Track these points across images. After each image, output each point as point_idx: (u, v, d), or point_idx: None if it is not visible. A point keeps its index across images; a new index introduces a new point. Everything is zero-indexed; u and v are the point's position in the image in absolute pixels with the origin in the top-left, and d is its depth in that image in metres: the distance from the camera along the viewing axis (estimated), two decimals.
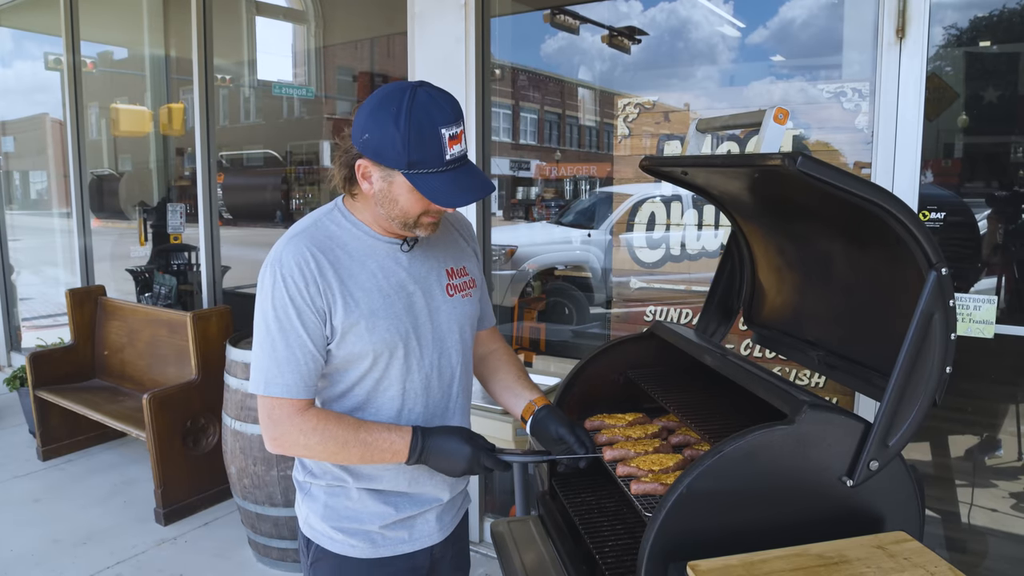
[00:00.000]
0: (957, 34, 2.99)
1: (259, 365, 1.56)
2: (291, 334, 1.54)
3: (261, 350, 1.57)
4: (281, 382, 1.55)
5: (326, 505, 1.71)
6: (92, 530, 4.04)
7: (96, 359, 5.28)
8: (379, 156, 1.49)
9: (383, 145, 1.47)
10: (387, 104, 1.48)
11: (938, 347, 1.32)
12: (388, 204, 1.55)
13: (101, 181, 7.31)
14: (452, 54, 3.64)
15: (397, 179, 1.50)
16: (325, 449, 1.57)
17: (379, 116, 1.48)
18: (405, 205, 1.54)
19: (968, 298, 2.59)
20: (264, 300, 1.56)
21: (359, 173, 1.54)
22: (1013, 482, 3.19)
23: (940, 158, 3.11)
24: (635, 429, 1.87)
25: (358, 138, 1.51)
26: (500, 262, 4.98)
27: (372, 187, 1.55)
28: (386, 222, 1.60)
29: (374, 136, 1.48)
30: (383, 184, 1.53)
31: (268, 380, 1.55)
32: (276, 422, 1.57)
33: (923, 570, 1.22)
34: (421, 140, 1.46)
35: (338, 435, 1.56)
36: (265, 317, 1.56)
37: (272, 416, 1.57)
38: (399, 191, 1.52)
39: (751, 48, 3.59)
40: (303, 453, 1.60)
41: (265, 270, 1.57)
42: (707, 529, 1.29)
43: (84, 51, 6.17)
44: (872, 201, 1.27)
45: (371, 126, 1.49)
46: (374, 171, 1.52)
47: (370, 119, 1.49)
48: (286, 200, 7.49)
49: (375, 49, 7.29)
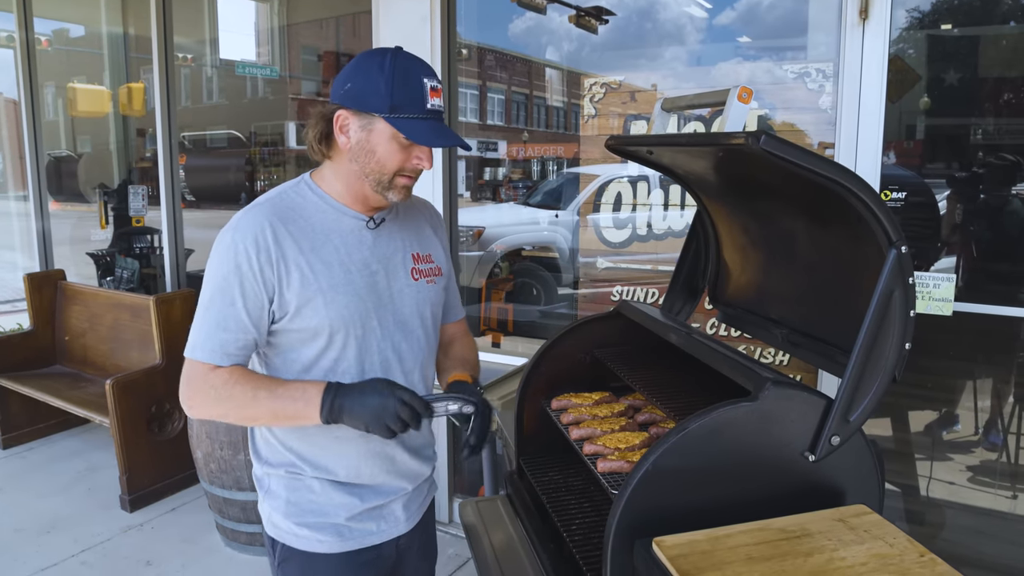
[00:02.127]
0: (919, 17, 3.03)
1: (193, 328, 1.56)
2: (227, 301, 1.52)
3: (197, 314, 1.56)
4: (204, 347, 1.53)
5: (288, 501, 1.65)
6: (55, 518, 3.98)
7: (57, 345, 5.18)
8: (360, 102, 1.50)
9: (366, 90, 1.49)
10: (371, 56, 1.52)
11: (898, 324, 1.34)
12: (364, 157, 1.54)
13: (59, 163, 7.13)
14: (417, 33, 3.60)
15: (377, 126, 1.51)
16: (235, 404, 1.52)
17: (362, 65, 1.52)
18: (382, 156, 1.53)
19: (928, 276, 2.64)
20: (212, 265, 1.55)
21: (336, 125, 1.53)
22: (970, 456, 3.27)
23: (902, 139, 3.15)
24: (601, 408, 1.89)
25: (338, 91, 1.53)
26: (467, 243, 4.96)
27: (349, 140, 1.53)
28: (359, 183, 1.58)
29: (356, 84, 1.51)
30: (362, 134, 1.52)
31: (194, 344, 1.54)
32: (189, 383, 1.55)
33: (882, 542, 1.25)
34: (405, 83, 1.49)
35: (247, 387, 1.52)
36: (210, 281, 1.54)
37: (187, 378, 1.56)
38: (378, 140, 1.52)
39: (718, 29, 3.59)
40: (216, 412, 1.56)
41: (221, 236, 1.56)
42: (673, 505, 1.31)
43: (38, 28, 6.00)
44: (834, 180, 1.28)
45: (354, 75, 1.52)
46: (353, 121, 1.52)
47: (353, 70, 1.53)
48: (250, 182, 7.37)
49: (340, 28, 7.18)
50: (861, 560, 1.19)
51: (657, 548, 1.22)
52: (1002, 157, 3.01)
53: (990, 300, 2.84)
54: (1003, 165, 2.99)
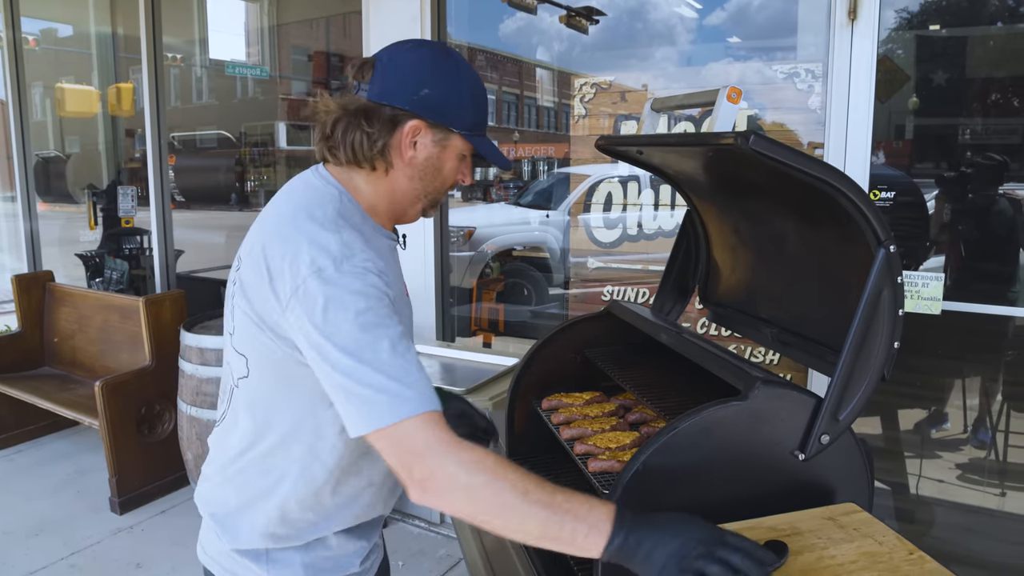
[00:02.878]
0: (908, 17, 3.04)
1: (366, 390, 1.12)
2: (399, 331, 1.18)
3: (357, 371, 1.13)
4: (425, 394, 1.14)
5: (306, 565, 1.38)
6: (44, 521, 3.96)
7: (45, 346, 5.14)
8: (441, 115, 1.29)
9: (448, 102, 1.29)
10: (443, 58, 1.31)
11: (887, 323, 1.35)
12: (430, 175, 1.34)
13: (47, 163, 7.10)
14: (407, 33, 3.59)
15: (453, 142, 1.32)
16: (493, 498, 1.09)
17: (440, 70, 1.29)
18: (447, 174, 1.36)
19: (917, 275, 2.66)
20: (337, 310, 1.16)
21: (408, 137, 1.29)
22: (959, 453, 3.29)
23: (891, 139, 3.17)
24: (592, 408, 1.89)
25: (410, 95, 1.27)
26: (458, 243, 4.96)
27: (417, 155, 1.31)
28: (408, 201, 1.37)
29: (437, 92, 1.28)
30: (434, 150, 1.32)
31: (406, 396, 1.12)
32: (423, 455, 1.11)
33: (872, 540, 1.25)
34: (482, 99, 1.34)
35: (515, 481, 1.10)
36: (345, 330, 1.14)
37: (414, 448, 1.11)
38: (448, 157, 1.34)
39: (708, 29, 3.61)
40: (461, 501, 1.11)
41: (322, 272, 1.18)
42: (663, 505, 1.31)
43: (25, 27, 5.97)
44: (823, 180, 1.28)
45: (432, 81, 1.28)
46: (427, 135, 1.30)
47: (431, 74, 1.28)
48: (240, 182, 7.36)
49: (330, 28, 7.17)
50: (851, 558, 1.20)
51: None
52: (989, 157, 3.03)
53: (978, 299, 2.86)
54: (991, 165, 3.01)
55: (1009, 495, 3.13)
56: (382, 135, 1.29)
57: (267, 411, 1.33)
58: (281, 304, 1.21)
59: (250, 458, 1.37)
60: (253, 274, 1.27)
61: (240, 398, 1.36)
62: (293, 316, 1.20)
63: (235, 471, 1.39)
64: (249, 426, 1.35)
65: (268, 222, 1.32)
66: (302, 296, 1.18)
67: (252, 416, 1.34)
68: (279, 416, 1.32)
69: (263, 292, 1.24)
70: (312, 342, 1.17)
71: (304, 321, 1.18)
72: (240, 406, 1.37)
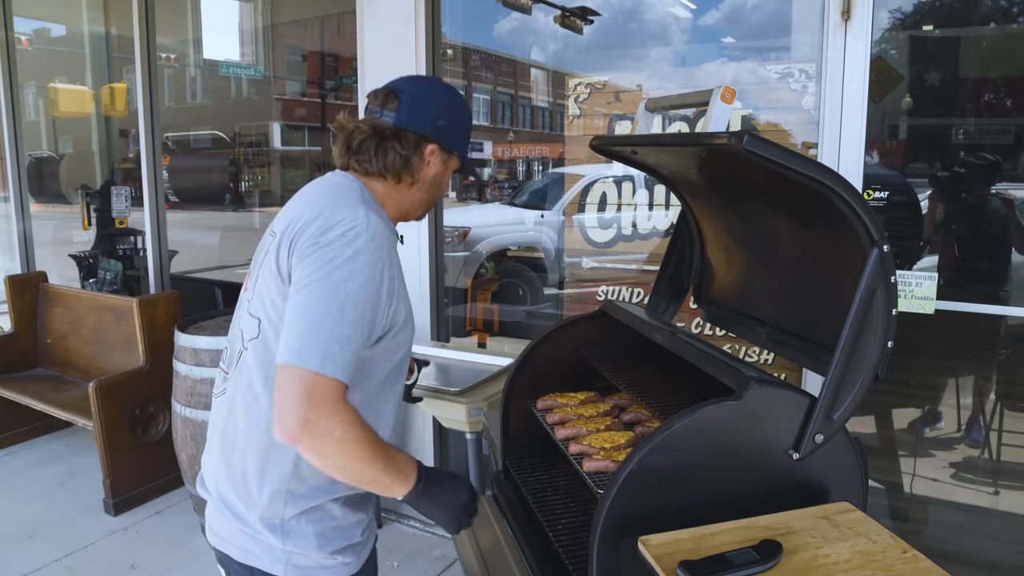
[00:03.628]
0: (901, 18, 3.05)
1: (317, 336, 1.34)
2: (363, 312, 1.39)
3: (323, 319, 1.35)
4: (340, 362, 1.34)
5: (318, 534, 1.53)
6: (38, 523, 3.94)
7: (39, 347, 5.12)
8: (451, 140, 1.64)
9: (455, 130, 1.65)
10: (456, 97, 1.68)
11: (880, 322, 1.35)
12: (434, 187, 1.67)
13: (40, 164, 7.07)
14: (402, 33, 3.59)
15: (452, 162, 1.67)
16: (355, 450, 1.36)
17: (452, 104, 1.65)
18: (445, 185, 1.71)
19: (910, 275, 2.66)
20: (345, 266, 1.39)
21: (427, 158, 1.62)
22: (952, 452, 3.30)
23: (885, 139, 3.17)
24: (587, 408, 1.89)
25: (431, 124, 1.60)
26: (453, 244, 4.96)
27: (429, 171, 1.64)
28: (415, 207, 1.68)
29: (450, 123, 1.63)
30: (441, 167, 1.66)
31: (326, 355, 1.33)
32: (317, 403, 1.32)
33: (866, 538, 1.26)
34: (471, 125, 1.73)
35: (372, 440, 1.38)
36: (343, 285, 1.38)
37: (313, 396, 1.32)
38: (447, 172, 1.68)
39: (702, 29, 3.60)
40: (328, 447, 1.34)
41: (352, 234, 1.42)
42: (658, 504, 1.31)
43: (18, 27, 5.94)
44: (817, 180, 1.29)
45: (446, 113, 1.62)
46: (439, 155, 1.63)
47: (447, 109, 1.63)
48: (234, 182, 7.35)
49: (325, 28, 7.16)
50: (845, 557, 1.20)
51: (643, 547, 1.23)
52: (982, 157, 3.04)
53: (971, 298, 2.87)
54: (983, 164, 3.02)
55: (1003, 493, 3.14)
56: (406, 153, 1.60)
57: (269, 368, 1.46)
58: (301, 250, 1.44)
59: (261, 415, 1.49)
60: (288, 237, 1.48)
61: (249, 360, 1.52)
62: (302, 263, 1.42)
63: (246, 432, 1.52)
64: (260, 383, 1.49)
65: (303, 202, 1.57)
66: (319, 247, 1.41)
67: (264, 374, 1.48)
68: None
69: (293, 248, 1.46)
70: (308, 277, 1.39)
71: (307, 263, 1.41)
72: (252, 366, 1.51)
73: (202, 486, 1.69)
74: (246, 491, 1.53)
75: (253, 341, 1.52)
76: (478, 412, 2.72)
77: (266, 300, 1.50)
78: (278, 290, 1.47)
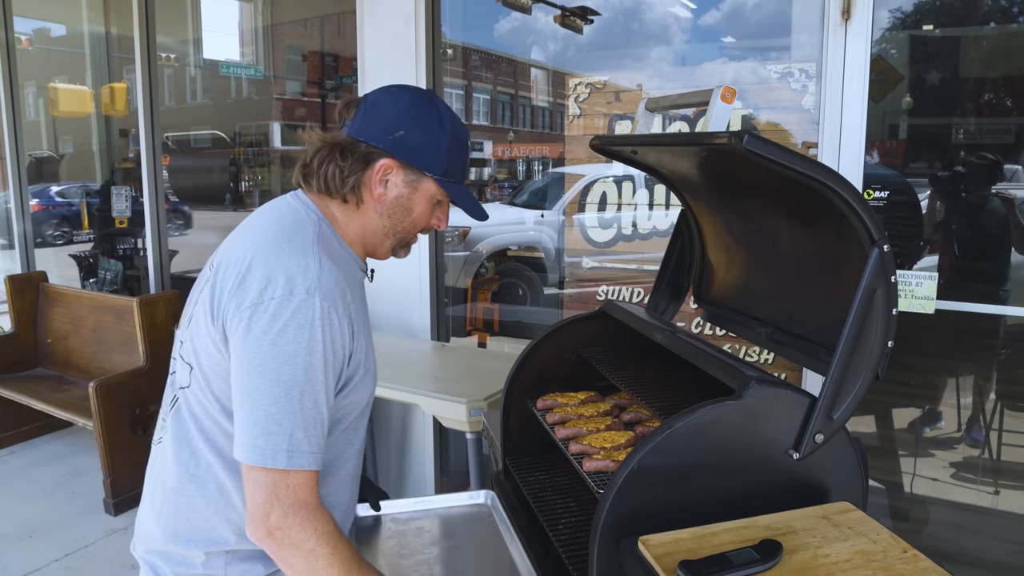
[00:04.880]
0: (902, 17, 3.05)
1: (279, 429, 1.19)
2: (321, 389, 1.23)
3: (282, 408, 1.20)
4: (309, 449, 1.21)
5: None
6: (39, 523, 3.94)
7: (39, 347, 5.13)
8: (414, 157, 1.36)
9: (423, 146, 1.36)
10: (423, 103, 1.37)
11: (880, 322, 1.35)
12: (399, 214, 1.40)
13: (40, 163, 7.07)
14: (402, 33, 3.59)
15: (424, 185, 1.39)
16: (325, 567, 1.23)
17: (417, 114, 1.36)
18: (418, 217, 1.42)
19: (910, 275, 2.66)
20: (297, 337, 1.21)
21: (377, 175, 1.36)
22: (952, 452, 3.30)
23: (885, 139, 3.17)
24: (587, 407, 1.89)
25: (384, 136, 1.34)
26: (453, 243, 4.96)
27: (387, 193, 1.37)
28: (378, 239, 1.42)
29: (413, 135, 1.35)
30: (404, 190, 1.38)
31: (292, 449, 1.20)
32: (288, 510, 1.20)
33: (866, 538, 1.26)
34: (460, 148, 1.40)
35: (347, 558, 1.25)
36: (297, 360, 1.20)
37: (284, 500, 1.20)
38: (420, 199, 1.40)
39: (703, 29, 3.60)
40: (295, 559, 1.22)
41: (302, 293, 1.22)
42: (658, 504, 1.31)
43: (18, 27, 5.95)
44: (817, 179, 1.29)
45: (408, 124, 1.35)
46: (399, 174, 1.37)
47: (408, 117, 1.35)
48: (235, 182, 7.34)
49: (325, 28, 7.16)
50: (845, 557, 1.20)
51: (643, 547, 1.23)
52: (983, 156, 3.04)
53: (972, 298, 2.87)
54: (984, 164, 3.02)
55: (1003, 493, 3.14)
56: (354, 170, 1.35)
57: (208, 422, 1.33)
58: (239, 309, 1.24)
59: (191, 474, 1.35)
60: (223, 279, 1.29)
61: (183, 409, 1.36)
62: (241, 327, 1.23)
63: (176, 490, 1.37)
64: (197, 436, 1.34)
65: (247, 236, 1.35)
66: (263, 311, 1.22)
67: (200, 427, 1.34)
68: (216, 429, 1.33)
69: (228, 295, 1.26)
70: (249, 356, 1.21)
71: (253, 333, 1.21)
72: (187, 418, 1.36)
73: (133, 548, 1.50)
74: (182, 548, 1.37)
75: (184, 391, 1.37)
76: (478, 412, 2.72)
77: (199, 347, 1.33)
78: (209, 335, 1.30)
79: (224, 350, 1.28)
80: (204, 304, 1.31)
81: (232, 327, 1.25)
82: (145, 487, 1.49)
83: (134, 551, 1.48)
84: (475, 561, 1.85)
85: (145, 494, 1.48)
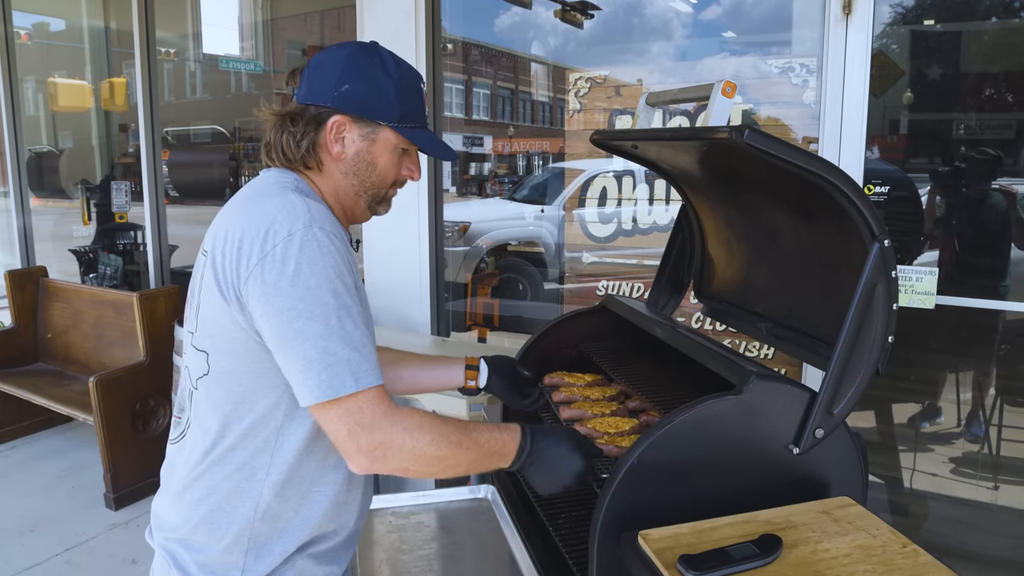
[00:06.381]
0: (903, 12, 3.04)
1: (335, 359, 1.19)
2: (354, 309, 1.23)
3: (329, 340, 1.19)
4: (368, 366, 1.21)
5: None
6: (39, 517, 3.95)
7: (39, 342, 5.13)
8: (365, 109, 1.34)
9: (371, 96, 1.33)
10: (366, 55, 1.36)
11: (881, 317, 1.35)
12: (364, 170, 1.38)
13: (40, 158, 7.07)
14: (402, 28, 3.58)
15: (382, 135, 1.37)
16: (437, 453, 1.24)
17: (359, 65, 1.34)
18: (384, 169, 1.39)
19: (911, 270, 2.66)
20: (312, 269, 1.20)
21: (331, 134, 1.34)
22: (952, 447, 3.30)
23: (885, 134, 3.17)
24: (594, 390, 1.87)
25: (329, 93, 1.33)
26: (453, 238, 4.96)
27: (345, 150, 1.36)
28: (353, 199, 1.41)
29: (358, 87, 1.33)
30: (362, 144, 1.36)
31: (355, 370, 1.19)
32: (373, 427, 1.20)
33: (866, 533, 1.26)
34: (411, 92, 1.37)
35: (450, 435, 1.26)
36: (318, 294, 1.20)
37: (363, 420, 1.20)
38: (380, 151, 1.38)
39: (703, 24, 3.60)
40: (407, 463, 1.24)
41: (300, 226, 1.22)
42: (658, 499, 1.31)
43: (17, 22, 5.94)
44: (817, 174, 1.28)
45: (352, 77, 1.33)
46: (352, 129, 1.35)
47: (350, 70, 1.33)
48: (235, 177, 7.33)
49: (325, 22, 7.14)
50: (845, 551, 1.20)
51: (643, 541, 1.23)
52: (983, 151, 3.04)
53: (972, 293, 2.86)
54: (984, 159, 3.02)
55: (1002, 488, 3.15)
56: (307, 134, 1.34)
57: (231, 405, 1.31)
58: (248, 270, 1.22)
59: (213, 458, 1.34)
60: (222, 254, 1.27)
61: (202, 399, 1.34)
62: (257, 284, 1.21)
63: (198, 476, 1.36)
64: (217, 423, 1.32)
65: (231, 212, 1.34)
66: (271, 261, 1.21)
67: (221, 413, 1.32)
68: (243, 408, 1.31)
69: (232, 265, 1.25)
70: (277, 306, 1.20)
71: (270, 284, 1.20)
72: (206, 406, 1.34)
73: (150, 536, 1.49)
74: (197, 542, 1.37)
75: (203, 379, 1.34)
76: (478, 407, 2.73)
77: (213, 330, 1.30)
78: (224, 313, 1.27)
79: (245, 323, 1.26)
80: (210, 287, 1.29)
81: (248, 291, 1.23)
82: (163, 476, 1.49)
83: (150, 540, 1.48)
84: (475, 556, 1.85)
85: (163, 484, 1.48)
